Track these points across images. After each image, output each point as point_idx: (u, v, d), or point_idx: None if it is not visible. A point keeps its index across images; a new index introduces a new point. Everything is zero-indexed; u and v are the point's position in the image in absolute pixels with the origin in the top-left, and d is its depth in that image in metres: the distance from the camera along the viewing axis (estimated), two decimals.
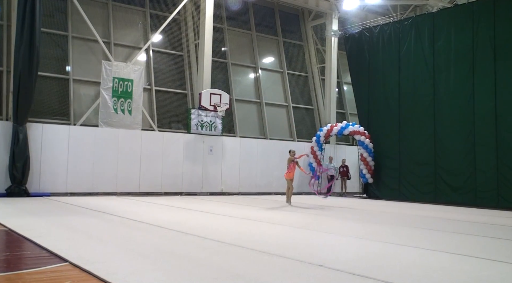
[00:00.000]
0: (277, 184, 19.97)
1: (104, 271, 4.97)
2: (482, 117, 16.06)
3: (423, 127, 17.80)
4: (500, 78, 15.71)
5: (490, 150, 15.76)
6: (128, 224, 9.04)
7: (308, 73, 23.99)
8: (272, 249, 6.61)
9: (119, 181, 16.39)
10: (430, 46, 17.76)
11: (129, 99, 17.09)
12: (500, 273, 5.64)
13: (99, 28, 18.02)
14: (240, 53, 22.06)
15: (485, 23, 16.21)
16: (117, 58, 17.91)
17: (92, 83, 17.62)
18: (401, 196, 18.22)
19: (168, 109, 19.61)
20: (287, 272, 5.32)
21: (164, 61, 20.09)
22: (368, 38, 20.10)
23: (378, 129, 19.46)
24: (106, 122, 16.62)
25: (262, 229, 8.92)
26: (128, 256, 5.98)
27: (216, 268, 5.37)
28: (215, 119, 18.24)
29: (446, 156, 17.05)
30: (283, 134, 22.29)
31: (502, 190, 15.43)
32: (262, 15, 22.99)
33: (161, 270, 5.23)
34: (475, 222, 11.26)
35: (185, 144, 17.81)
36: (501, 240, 8.38)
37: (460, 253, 6.74)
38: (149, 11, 19.61)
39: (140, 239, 7.36)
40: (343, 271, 5.33)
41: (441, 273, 5.50)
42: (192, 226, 8.92)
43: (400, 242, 7.65)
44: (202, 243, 7.04)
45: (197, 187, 17.97)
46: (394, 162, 18.72)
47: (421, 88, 17.98)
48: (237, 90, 21.45)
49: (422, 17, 18.98)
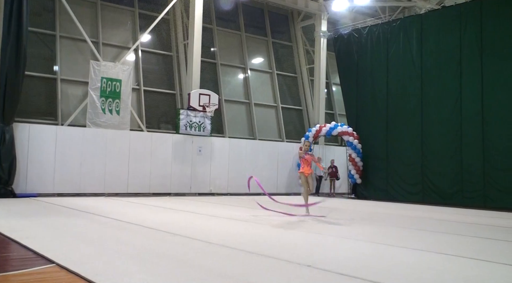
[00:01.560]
0: (265, 185, 19.85)
1: (91, 273, 4.93)
2: (469, 118, 16.20)
3: (410, 128, 17.92)
4: (487, 79, 15.86)
5: (476, 151, 15.90)
6: (116, 225, 8.98)
7: (297, 74, 24.04)
8: (260, 249, 6.60)
9: (107, 182, 16.30)
10: (418, 48, 17.88)
11: (118, 99, 17.00)
12: (488, 273, 5.69)
13: (88, 27, 17.91)
14: (229, 53, 22.04)
15: (472, 25, 16.36)
16: (105, 58, 17.81)
17: (80, 83, 17.50)
18: (389, 197, 18.32)
19: (157, 110, 19.54)
20: (275, 272, 5.32)
21: (153, 61, 20.01)
22: (357, 39, 20.19)
23: (366, 129, 19.55)
24: (94, 122, 16.52)
25: (250, 230, 8.91)
26: (116, 257, 5.94)
27: (205, 269, 5.36)
28: (204, 119, 18.21)
29: (433, 157, 17.18)
30: (272, 135, 22.31)
31: (489, 191, 15.58)
32: (252, 16, 23.00)
33: (149, 271, 5.20)
34: (462, 222, 11.35)
35: (174, 144, 17.76)
36: (488, 240, 8.45)
37: (448, 253, 6.79)
38: (138, 10, 19.53)
39: (128, 240, 7.32)
40: (331, 272, 5.34)
41: (429, 273, 5.53)
42: (180, 226, 8.89)
43: (388, 242, 7.69)
44: (190, 244, 7.02)
45: (186, 187, 17.92)
46: (382, 162, 18.82)
47: (408, 89, 18.10)
48: (226, 90, 21.44)
49: (410, 18, 19.11)
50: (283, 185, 20.55)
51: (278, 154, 20.48)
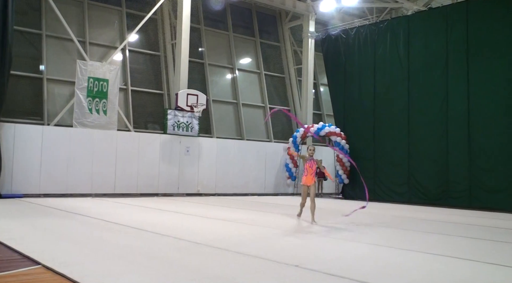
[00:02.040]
0: (253, 185, 19.99)
1: (78, 274, 4.90)
2: (455, 119, 16.35)
3: (397, 129, 18.03)
4: (473, 80, 16.01)
5: (462, 152, 16.05)
6: (103, 225, 8.93)
7: (285, 74, 24.08)
8: (248, 249, 6.61)
9: (94, 182, 16.19)
10: (405, 49, 18.00)
11: (105, 99, 16.90)
12: (474, 272, 5.74)
13: (74, 27, 17.77)
14: (217, 53, 22.02)
15: (458, 26, 16.51)
16: (92, 58, 17.69)
17: (67, 82, 17.37)
18: (376, 197, 18.38)
19: (144, 110, 19.46)
20: (263, 272, 5.32)
21: (140, 61, 19.92)
22: (345, 40, 20.27)
23: (353, 130, 19.63)
24: (80, 122, 16.40)
25: (238, 230, 8.91)
26: (102, 258, 5.91)
27: (192, 269, 5.35)
28: (192, 119, 18.16)
29: (419, 157, 17.30)
30: (260, 135, 22.32)
31: (474, 191, 15.73)
32: (240, 16, 22.99)
33: (136, 272, 5.18)
34: (449, 222, 11.45)
35: (162, 144, 17.69)
36: (475, 239, 8.54)
37: (435, 253, 6.84)
38: (125, 10, 19.43)
39: (115, 241, 7.28)
40: (319, 271, 5.36)
41: (416, 273, 5.58)
42: (167, 227, 8.86)
43: (375, 242, 7.73)
44: (178, 244, 7.00)
45: (174, 188, 17.86)
46: (368, 163, 18.90)
47: (395, 90, 18.21)
48: (214, 90, 21.41)
49: (397, 20, 19.23)
50: (271, 185, 20.57)
51: (266, 154, 20.50)
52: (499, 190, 15.15)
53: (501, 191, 15.09)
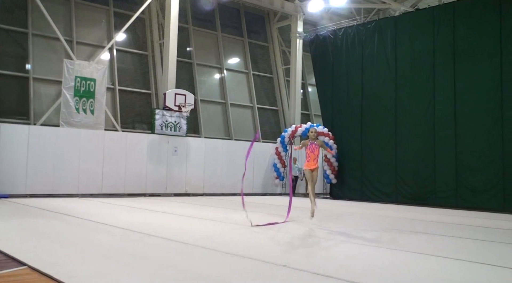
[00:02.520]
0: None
1: (64, 275, 4.85)
2: (441, 119, 16.47)
3: (384, 129, 18.12)
4: (459, 81, 16.14)
5: (449, 152, 16.17)
6: (90, 226, 8.87)
7: (273, 74, 24.10)
8: (236, 249, 6.60)
9: (81, 182, 16.07)
10: (393, 49, 18.10)
11: (92, 98, 16.79)
12: (462, 272, 5.78)
13: (61, 25, 17.63)
14: (206, 53, 21.97)
15: (445, 27, 16.63)
16: (79, 57, 17.57)
17: (53, 82, 17.23)
18: (363, 197, 18.50)
19: (132, 109, 19.36)
20: (251, 272, 5.32)
21: (128, 60, 19.81)
22: (333, 40, 20.33)
23: (341, 130, 19.71)
24: (67, 122, 16.27)
25: (226, 230, 8.90)
26: (89, 258, 5.86)
27: (180, 270, 5.33)
28: (180, 119, 18.11)
29: (406, 158, 17.40)
30: (248, 135, 22.31)
31: (461, 190, 15.85)
32: (228, 16, 22.97)
33: (123, 272, 5.15)
34: (435, 222, 11.52)
35: (149, 144, 17.61)
36: (461, 239, 8.60)
37: (422, 252, 6.88)
38: (112, 9, 19.31)
39: (102, 241, 7.23)
40: (307, 271, 5.36)
41: (404, 272, 5.61)
42: (155, 227, 8.82)
43: (363, 242, 7.76)
44: (165, 245, 6.97)
45: (161, 188, 17.79)
46: (356, 163, 18.99)
47: (383, 90, 18.30)
48: (202, 90, 21.36)
49: (384, 20, 19.33)
50: (259, 185, 20.57)
51: (254, 154, 20.46)
52: (485, 190, 15.29)
53: (487, 191, 15.24)
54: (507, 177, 14.86)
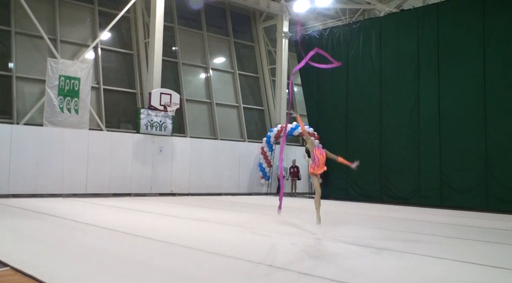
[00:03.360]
0: (227, 185, 19.96)
1: (47, 276, 4.81)
2: (426, 119, 16.61)
3: (369, 129, 18.22)
4: (443, 82, 16.29)
5: (433, 152, 16.32)
6: (74, 226, 8.80)
7: (259, 74, 24.11)
8: (221, 249, 6.59)
9: (65, 182, 15.92)
10: (377, 50, 18.21)
11: (76, 97, 16.64)
12: (446, 271, 5.84)
13: (45, 24, 17.44)
14: (191, 52, 21.91)
15: (429, 28, 16.78)
16: (63, 56, 17.40)
17: (37, 80, 17.04)
18: (348, 196, 18.58)
19: (117, 109, 19.23)
20: (236, 272, 5.32)
21: (113, 59, 19.68)
22: (318, 40, 20.38)
23: (326, 130, 19.78)
24: (51, 121, 16.11)
25: (211, 230, 8.89)
26: (73, 259, 5.81)
27: (165, 270, 5.31)
28: (165, 119, 18.03)
29: (391, 157, 17.52)
30: (233, 135, 22.30)
31: (444, 190, 16.01)
32: (214, 15, 22.92)
33: (108, 273, 5.12)
34: (419, 221, 11.62)
35: (134, 144, 17.51)
36: (445, 238, 8.69)
37: (404, 251, 6.93)
38: (97, 8, 19.16)
39: (86, 242, 7.18)
40: (292, 271, 5.38)
41: (387, 271, 5.65)
42: (140, 227, 8.78)
43: (347, 240, 7.80)
44: (150, 245, 6.94)
45: (146, 188, 17.70)
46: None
47: (368, 91, 18.41)
48: (188, 90, 21.29)
49: (369, 21, 19.45)
50: (245, 185, 20.57)
51: (239, 154, 20.50)
52: (468, 189, 15.46)
53: (470, 190, 15.41)
54: (490, 177, 15.05)
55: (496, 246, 7.99)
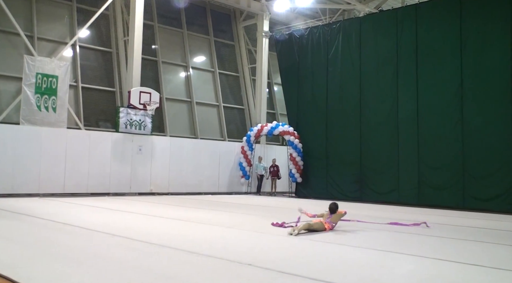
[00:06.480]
0: (207, 184, 19.91)
1: (24, 277, 4.74)
2: (405, 119, 16.80)
3: (349, 128, 18.36)
4: (422, 82, 16.50)
5: (412, 151, 16.52)
6: (51, 226, 8.67)
7: (239, 73, 24.10)
8: (201, 249, 6.57)
9: (42, 182, 15.68)
10: (357, 50, 18.36)
11: (54, 96, 16.41)
12: (425, 268, 5.91)
13: (21, 20, 17.16)
14: (171, 51, 21.79)
15: (408, 29, 16.97)
16: (41, 53, 17.14)
17: (13, 78, 16.75)
18: (328, 195, 18.66)
19: (96, 107, 19.01)
20: (216, 272, 5.31)
21: (92, 57, 19.46)
22: (298, 40, 20.47)
23: (306, 129, 19.87)
24: (28, 119, 15.85)
25: (191, 229, 8.85)
26: (51, 260, 5.73)
27: (145, 270, 5.27)
28: (145, 118, 17.90)
29: (371, 157, 17.69)
30: (213, 134, 22.25)
31: (422, 188, 16.23)
32: (194, 14, 22.83)
33: (87, 274, 5.06)
34: (398, 220, 11.72)
35: (113, 143, 17.34)
36: (423, 236, 8.79)
37: (384, 249, 7.00)
38: (75, 5, 18.92)
39: (64, 242, 7.08)
40: (272, 270, 5.39)
41: (367, 269, 5.69)
42: (119, 227, 8.70)
43: (327, 240, 7.84)
44: (130, 245, 6.88)
45: (126, 187, 17.55)
46: (321, 161, 19.19)
47: (348, 90, 18.54)
48: (168, 88, 21.17)
49: (349, 21, 19.59)
50: (225, 184, 20.54)
51: (219, 153, 20.46)
52: (445, 187, 15.70)
53: (447, 188, 15.64)
54: (466, 176, 15.30)
55: (474, 244, 8.11)
